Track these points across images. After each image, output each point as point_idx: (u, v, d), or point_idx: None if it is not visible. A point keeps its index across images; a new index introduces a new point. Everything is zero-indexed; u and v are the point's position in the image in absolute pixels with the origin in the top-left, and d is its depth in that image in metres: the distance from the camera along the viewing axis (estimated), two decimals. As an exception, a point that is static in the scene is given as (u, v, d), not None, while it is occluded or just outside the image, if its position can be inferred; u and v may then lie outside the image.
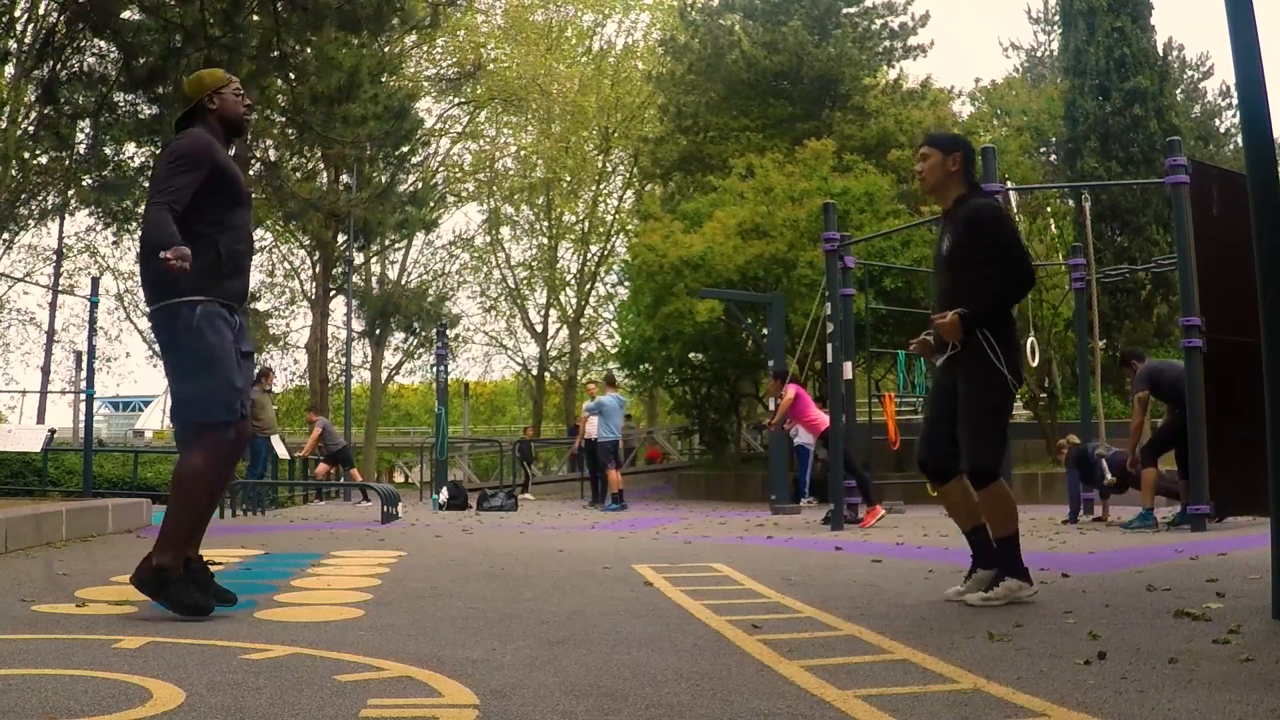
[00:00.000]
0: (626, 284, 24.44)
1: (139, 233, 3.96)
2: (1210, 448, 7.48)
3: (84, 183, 17.71)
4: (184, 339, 3.64)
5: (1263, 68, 3.46)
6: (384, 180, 25.15)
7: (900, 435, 12.89)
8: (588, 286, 34.31)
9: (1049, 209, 21.49)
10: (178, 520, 3.62)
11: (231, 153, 3.97)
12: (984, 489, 3.94)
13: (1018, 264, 3.97)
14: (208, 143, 3.74)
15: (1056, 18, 25.44)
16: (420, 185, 27.95)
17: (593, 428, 14.97)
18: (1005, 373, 3.92)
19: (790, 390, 10.65)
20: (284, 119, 15.36)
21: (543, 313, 35.54)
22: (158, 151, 16.73)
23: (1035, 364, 11.24)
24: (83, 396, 11.50)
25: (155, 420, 42.00)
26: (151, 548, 3.65)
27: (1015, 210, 12.63)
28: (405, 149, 25.36)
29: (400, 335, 29.27)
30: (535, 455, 25.08)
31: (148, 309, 3.76)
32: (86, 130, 15.34)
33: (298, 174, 21.80)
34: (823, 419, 10.56)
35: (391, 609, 3.85)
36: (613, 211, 34.25)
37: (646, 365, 22.71)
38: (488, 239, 35.31)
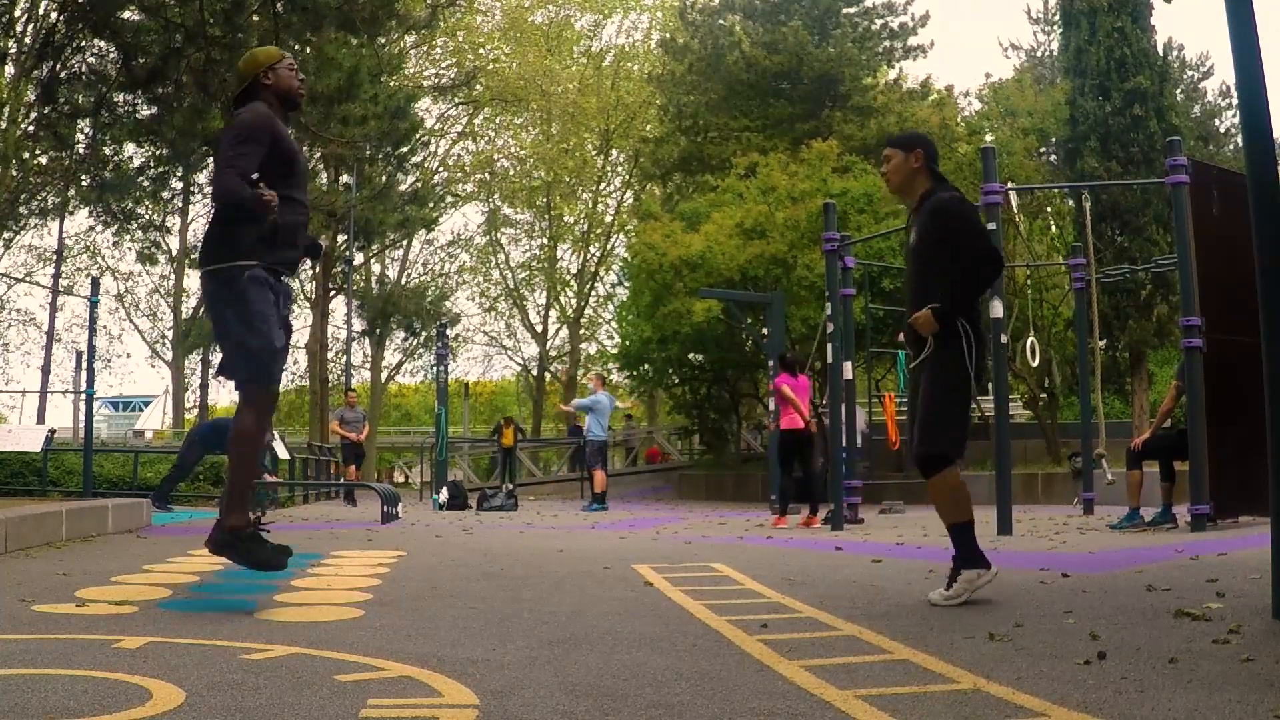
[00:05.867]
0: (626, 284, 24.44)
1: (210, 194, 4.35)
2: (1210, 447, 7.48)
3: (84, 183, 17.71)
4: (232, 301, 3.81)
5: (1263, 68, 3.46)
6: (384, 180, 25.14)
7: (900, 435, 12.92)
8: (588, 286, 34.30)
9: (1049, 209, 21.49)
10: (239, 479, 3.83)
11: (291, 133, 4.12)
12: (932, 476, 3.97)
13: (979, 249, 3.99)
14: (268, 116, 3.89)
15: (1056, 18, 25.40)
16: (420, 185, 27.95)
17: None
18: (969, 367, 3.96)
19: (780, 381, 10.31)
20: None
21: (543, 313, 35.55)
22: (157, 152, 16.73)
23: (1035, 364, 11.21)
24: (83, 396, 11.49)
25: (155, 420, 41.85)
26: (221, 513, 3.88)
27: (1016, 211, 12.58)
28: (405, 149, 25.36)
29: (400, 335, 29.29)
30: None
31: (200, 270, 3.95)
32: (86, 130, 15.34)
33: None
34: (795, 422, 10.19)
35: (391, 609, 3.85)
36: (612, 212, 34.24)
37: (646, 365, 22.70)
38: (488, 239, 35.33)
